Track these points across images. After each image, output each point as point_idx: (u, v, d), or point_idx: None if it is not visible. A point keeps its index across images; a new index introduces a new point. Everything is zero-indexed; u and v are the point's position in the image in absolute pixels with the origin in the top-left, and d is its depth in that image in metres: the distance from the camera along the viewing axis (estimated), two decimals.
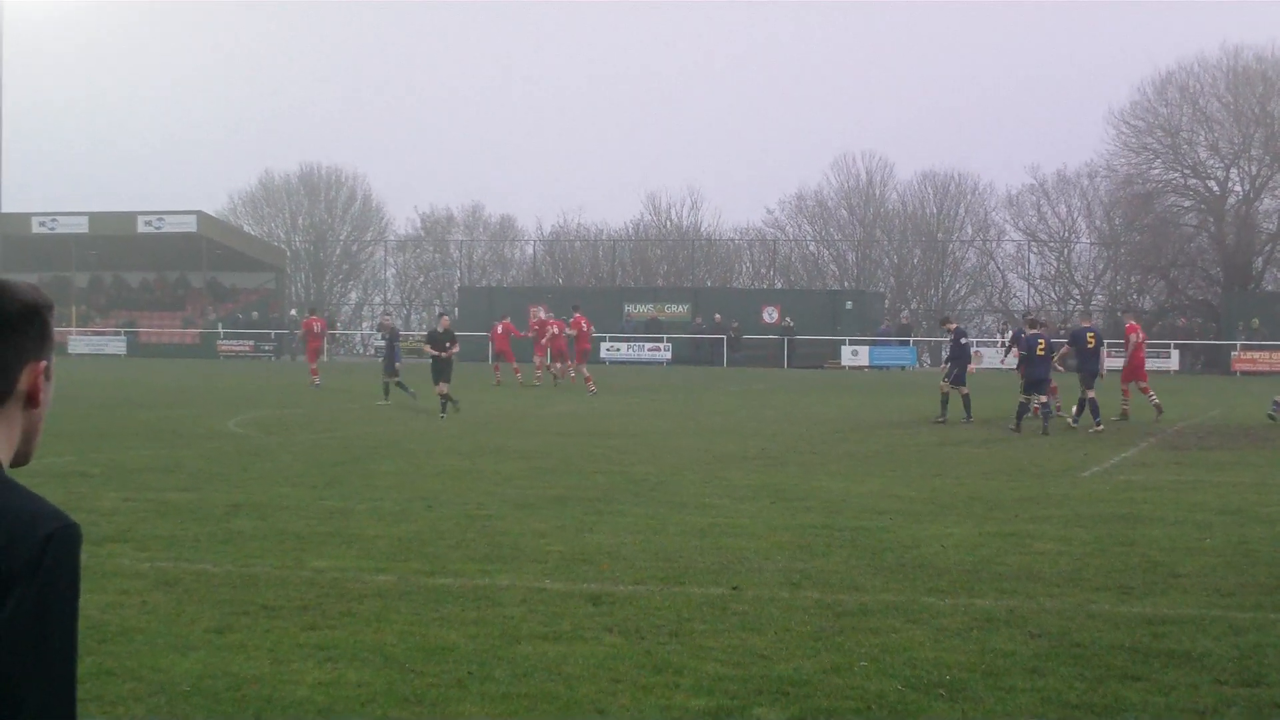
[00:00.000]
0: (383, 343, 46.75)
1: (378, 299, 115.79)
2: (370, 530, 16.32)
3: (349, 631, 11.08)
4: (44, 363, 3.18)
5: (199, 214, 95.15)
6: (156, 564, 14.02)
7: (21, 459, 3.26)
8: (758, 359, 78.41)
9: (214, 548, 15.10)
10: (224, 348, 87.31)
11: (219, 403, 40.89)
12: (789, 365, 76.64)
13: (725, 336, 78.86)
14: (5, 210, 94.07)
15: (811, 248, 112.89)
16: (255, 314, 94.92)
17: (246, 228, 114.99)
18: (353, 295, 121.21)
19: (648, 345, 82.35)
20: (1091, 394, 32.96)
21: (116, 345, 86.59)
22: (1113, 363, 42.16)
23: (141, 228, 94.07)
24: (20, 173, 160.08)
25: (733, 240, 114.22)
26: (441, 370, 36.85)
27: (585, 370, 50.05)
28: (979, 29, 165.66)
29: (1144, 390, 36.59)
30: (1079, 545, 15.86)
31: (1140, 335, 38.97)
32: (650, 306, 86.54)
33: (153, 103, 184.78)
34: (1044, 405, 32.89)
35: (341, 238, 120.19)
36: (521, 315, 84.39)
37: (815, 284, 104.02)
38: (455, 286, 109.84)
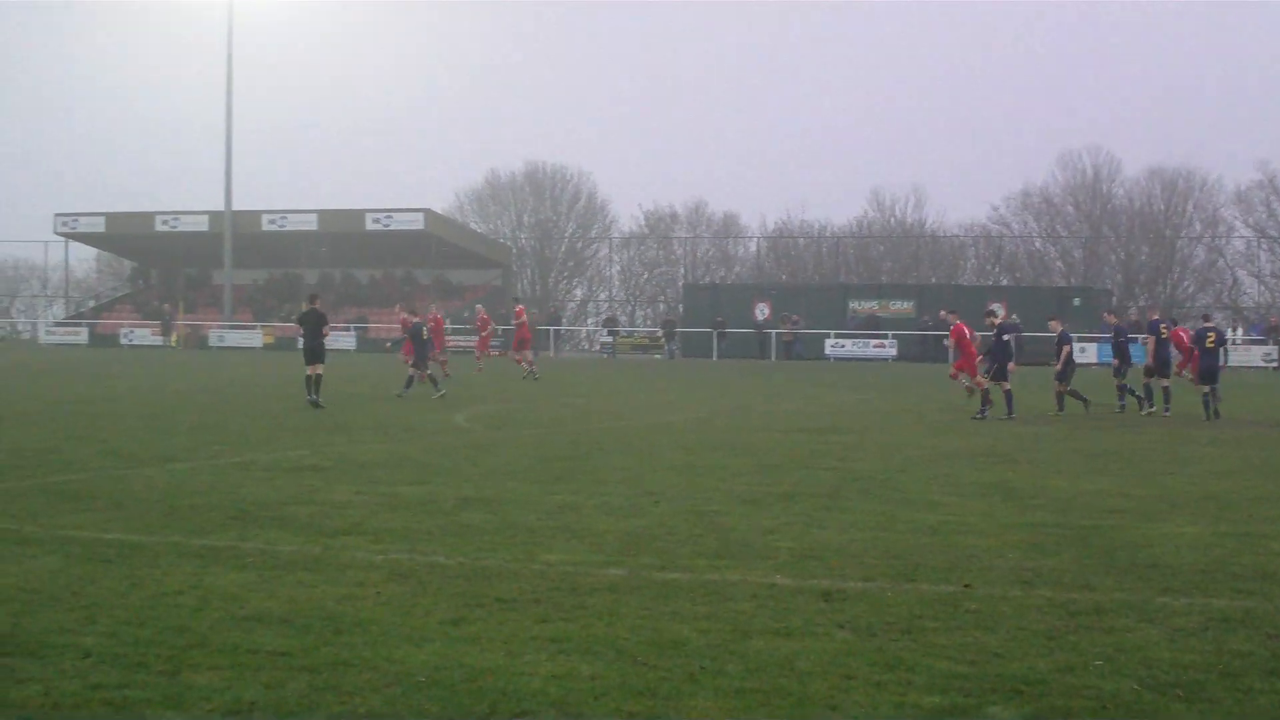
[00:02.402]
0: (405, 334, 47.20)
1: (602, 295, 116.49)
2: (600, 525, 16.40)
3: (581, 625, 11.14)
4: None
5: (426, 212, 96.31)
6: (390, 556, 14.21)
7: None
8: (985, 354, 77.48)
9: (446, 540, 15.26)
10: (452, 343, 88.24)
11: (447, 398, 41.31)
12: (1016, 362, 75.62)
13: (1017, 331, 78.02)
14: (236, 208, 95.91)
15: (1037, 244, 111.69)
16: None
17: (473, 225, 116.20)
18: (578, 292, 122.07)
19: (872, 342, 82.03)
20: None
21: (346, 340, 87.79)
22: None
23: (370, 225, 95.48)
24: (250, 171, 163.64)
25: (957, 237, 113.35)
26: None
27: (529, 355, 55.43)
28: (1204, 22, 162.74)
29: None
30: None
31: None
32: (874, 303, 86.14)
33: (381, 103, 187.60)
34: (1205, 394, 35.16)
35: (566, 235, 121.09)
36: (745, 311, 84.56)
37: (1041, 281, 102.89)
38: (679, 283, 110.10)
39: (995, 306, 55.31)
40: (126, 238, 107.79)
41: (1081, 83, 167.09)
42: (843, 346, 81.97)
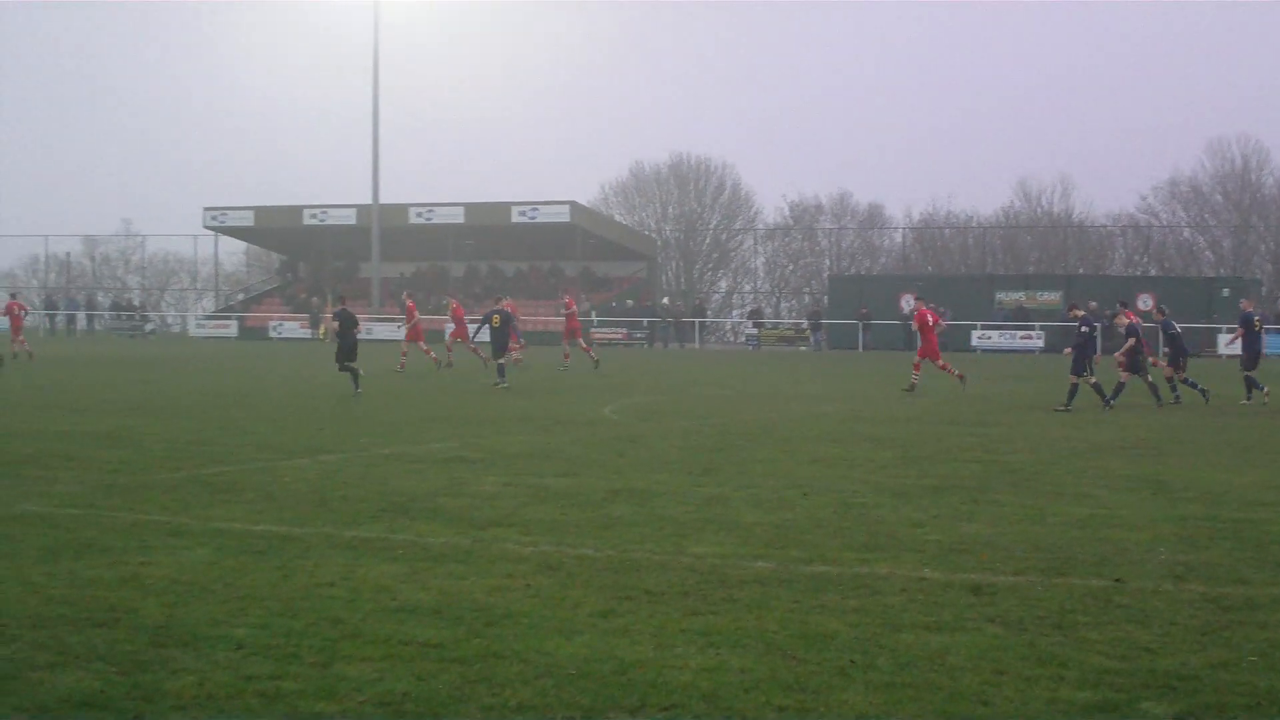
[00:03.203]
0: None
1: (747, 287, 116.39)
2: (748, 517, 16.39)
3: (730, 618, 11.14)
4: None
5: (572, 204, 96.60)
6: (539, 548, 14.27)
7: None
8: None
9: (594, 533, 15.31)
10: (598, 336, 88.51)
11: (594, 389, 41.45)
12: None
13: (1099, 324, 77.30)
14: (383, 201, 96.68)
15: (1185, 234, 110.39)
16: (630, 302, 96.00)
17: (618, 217, 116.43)
18: (722, 284, 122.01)
19: (1019, 333, 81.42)
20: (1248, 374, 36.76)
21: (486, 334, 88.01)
22: None
23: (516, 218, 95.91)
24: (397, 165, 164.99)
25: (1105, 227, 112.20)
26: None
27: (582, 344, 56.67)
28: None
29: None
30: None
31: None
32: (1021, 294, 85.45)
33: (526, 96, 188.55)
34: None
35: (711, 227, 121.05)
36: (891, 303, 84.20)
37: (1190, 271, 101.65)
38: (824, 274, 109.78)
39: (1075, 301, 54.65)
40: (275, 231, 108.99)
41: (1230, 70, 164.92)
42: (989, 338, 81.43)
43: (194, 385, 42.34)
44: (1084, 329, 35.65)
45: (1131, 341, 36.61)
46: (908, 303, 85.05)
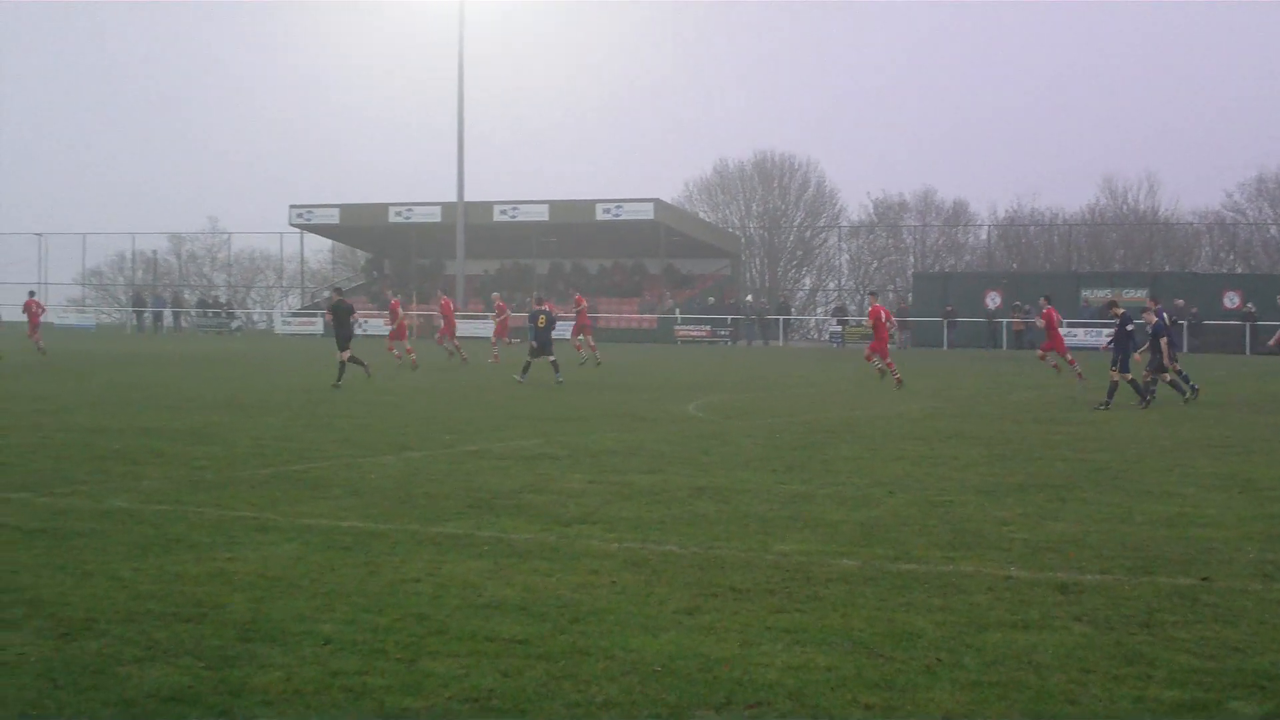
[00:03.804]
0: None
1: (831, 284, 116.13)
2: (832, 515, 16.37)
3: (816, 615, 11.12)
4: None
5: (656, 201, 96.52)
6: (624, 545, 14.29)
7: None
8: (1218, 345, 76.37)
9: (679, 529, 15.32)
10: (681, 333, 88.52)
11: (678, 387, 41.48)
12: (1250, 352, 74.50)
13: (1185, 322, 76.93)
14: (468, 199, 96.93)
15: (1273, 231, 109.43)
16: (711, 299, 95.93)
17: (702, 215, 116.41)
18: (806, 281, 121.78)
19: (1104, 330, 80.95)
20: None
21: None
22: None
23: (600, 215, 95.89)
24: (481, 163, 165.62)
25: (1191, 224, 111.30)
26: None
27: (589, 341, 56.47)
28: None
29: None
30: None
31: None
32: (1107, 291, 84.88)
33: (609, 93, 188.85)
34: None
35: (795, 224, 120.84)
36: (976, 300, 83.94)
37: (1278, 269, 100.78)
38: (909, 272, 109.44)
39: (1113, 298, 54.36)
40: (360, 229, 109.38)
41: None
42: (1075, 335, 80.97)
43: (280, 382, 42.59)
44: (1128, 327, 35.40)
45: (1164, 341, 36.27)
46: (992, 300, 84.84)
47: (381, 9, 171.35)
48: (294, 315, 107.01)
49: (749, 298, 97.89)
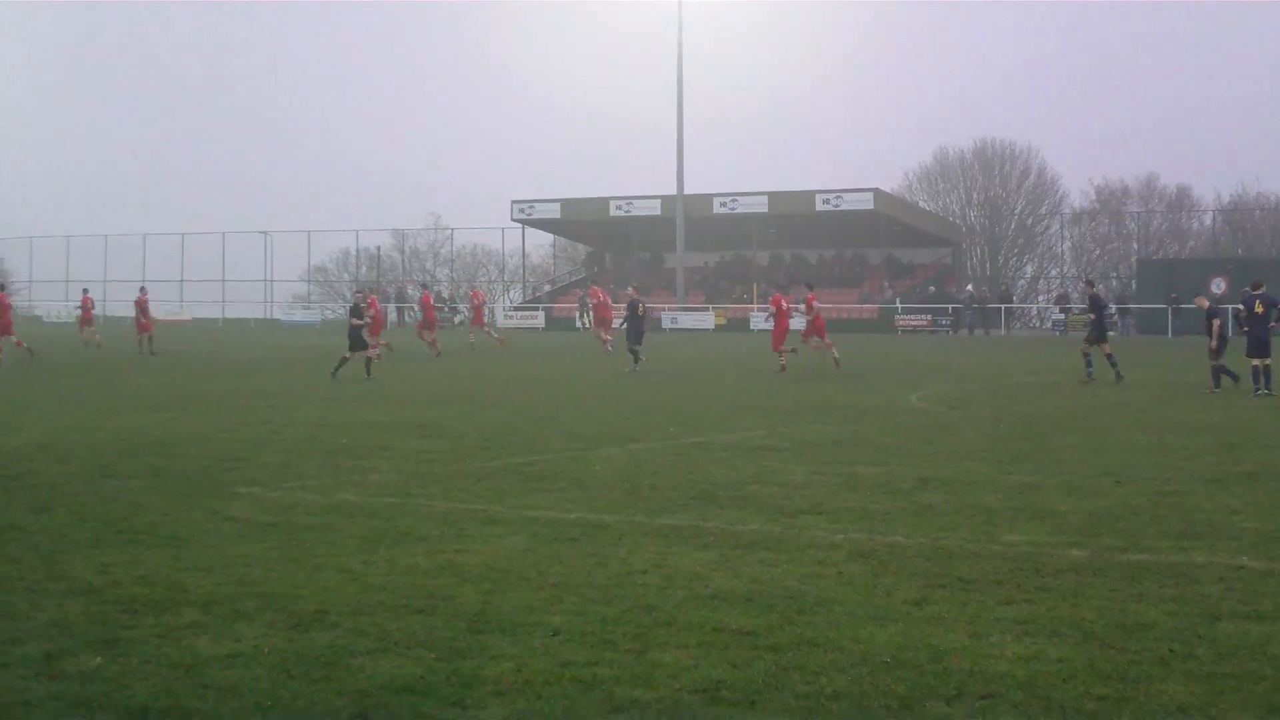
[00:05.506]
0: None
1: (1053, 272, 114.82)
2: (1060, 505, 16.20)
3: (1046, 606, 11.01)
4: None
5: (875, 191, 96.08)
6: (850, 535, 14.25)
7: None
8: None
9: (905, 520, 15.26)
10: (902, 323, 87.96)
11: (899, 378, 41.26)
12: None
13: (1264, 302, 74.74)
14: (687, 192, 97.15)
15: None
16: (932, 289, 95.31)
17: (922, 204, 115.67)
18: (1028, 269, 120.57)
19: None
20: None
21: (796, 322, 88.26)
22: None
23: (820, 206, 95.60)
24: (700, 156, 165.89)
25: None
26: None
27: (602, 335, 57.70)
28: None
29: None
30: None
31: None
32: None
33: (828, 86, 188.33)
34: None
35: (1016, 212, 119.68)
36: (1201, 287, 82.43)
37: None
38: (1132, 259, 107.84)
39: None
40: (581, 223, 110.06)
41: None
42: None
43: (502, 374, 43.00)
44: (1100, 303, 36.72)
45: (1217, 323, 35.46)
46: (1218, 286, 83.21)
47: (603, 6, 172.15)
48: (516, 309, 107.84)
49: (969, 287, 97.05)
